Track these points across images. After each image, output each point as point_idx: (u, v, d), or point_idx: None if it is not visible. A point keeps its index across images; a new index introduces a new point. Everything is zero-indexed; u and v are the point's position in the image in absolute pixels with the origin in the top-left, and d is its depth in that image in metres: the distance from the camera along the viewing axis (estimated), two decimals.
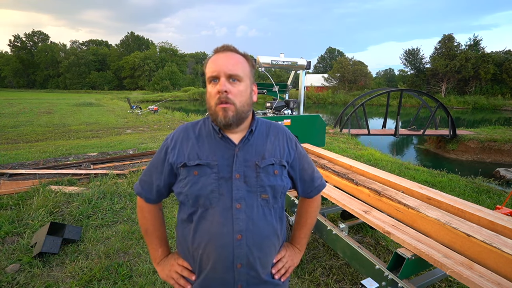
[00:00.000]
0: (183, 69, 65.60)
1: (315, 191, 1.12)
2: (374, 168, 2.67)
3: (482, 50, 37.14)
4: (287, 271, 1.06)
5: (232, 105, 0.89)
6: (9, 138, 8.89)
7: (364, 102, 11.43)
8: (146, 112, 17.00)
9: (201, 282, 0.96)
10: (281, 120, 3.63)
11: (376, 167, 3.49)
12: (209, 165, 0.93)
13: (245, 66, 0.93)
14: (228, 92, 0.88)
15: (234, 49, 0.94)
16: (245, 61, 0.94)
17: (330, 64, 62.17)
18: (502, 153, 10.22)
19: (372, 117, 24.09)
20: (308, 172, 1.09)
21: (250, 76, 0.95)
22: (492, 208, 3.50)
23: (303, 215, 1.17)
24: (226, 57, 0.91)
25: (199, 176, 0.93)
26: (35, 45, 73.05)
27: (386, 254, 2.73)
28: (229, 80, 0.90)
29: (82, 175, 4.60)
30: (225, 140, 0.96)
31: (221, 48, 0.94)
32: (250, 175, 0.94)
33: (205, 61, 0.97)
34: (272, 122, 1.07)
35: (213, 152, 0.95)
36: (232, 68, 0.89)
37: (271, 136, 1.02)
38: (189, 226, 0.96)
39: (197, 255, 0.94)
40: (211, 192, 0.92)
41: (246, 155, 0.95)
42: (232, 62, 0.90)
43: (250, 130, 0.98)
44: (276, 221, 1.00)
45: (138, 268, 2.44)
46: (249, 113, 0.98)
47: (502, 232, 1.54)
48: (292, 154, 1.04)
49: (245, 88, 0.93)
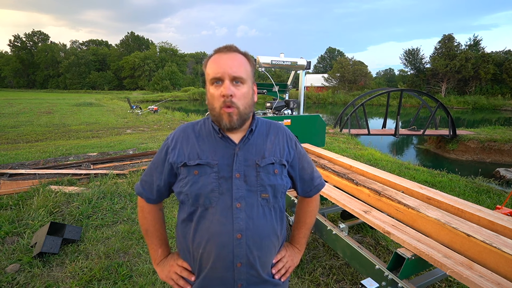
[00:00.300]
0: (183, 69, 65.59)
1: (314, 190, 1.13)
2: (374, 168, 2.67)
3: (482, 50, 37.17)
4: (287, 271, 1.06)
5: (236, 108, 0.90)
6: (9, 138, 8.89)
7: (364, 102, 11.43)
8: (146, 112, 17.00)
9: (201, 281, 0.96)
10: (281, 120, 3.63)
11: (376, 167, 3.49)
12: (210, 164, 0.93)
13: (247, 67, 0.93)
14: (233, 96, 0.89)
15: (236, 49, 0.94)
16: (247, 61, 0.94)
17: (330, 64, 62.22)
18: (502, 153, 10.22)
19: (372, 117, 24.09)
20: (308, 171, 1.10)
21: (251, 76, 0.96)
22: (492, 208, 3.50)
23: (302, 215, 1.17)
24: (230, 59, 0.90)
25: (199, 176, 0.93)
26: (35, 45, 73.00)
27: (386, 254, 2.73)
28: (233, 83, 0.90)
29: (82, 175, 4.60)
30: (225, 140, 0.96)
31: (223, 48, 0.93)
32: (250, 175, 0.94)
33: (205, 60, 0.96)
34: (272, 122, 1.08)
35: (214, 152, 0.95)
36: (236, 71, 0.89)
37: (271, 136, 1.02)
38: (189, 226, 0.97)
39: (197, 254, 0.95)
40: (211, 192, 0.92)
41: (246, 155, 0.95)
42: (236, 64, 0.90)
43: (250, 129, 0.98)
44: (276, 220, 1.00)
45: (138, 268, 2.44)
46: (251, 114, 0.98)
47: (502, 232, 1.54)
48: (292, 154, 1.04)
49: (248, 90, 0.94)
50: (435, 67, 37.33)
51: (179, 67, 62.37)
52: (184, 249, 1.00)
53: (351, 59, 47.22)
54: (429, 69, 39.37)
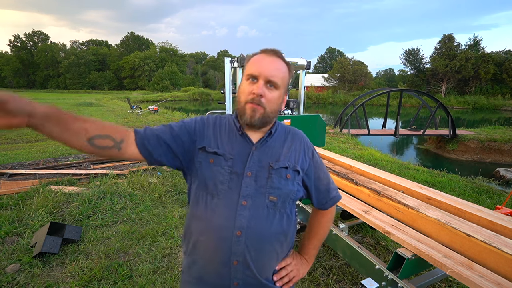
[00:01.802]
0: (183, 69, 65.63)
1: (330, 203, 1.10)
2: (374, 168, 2.67)
3: (482, 50, 37.20)
4: (291, 280, 1.04)
5: (262, 108, 0.92)
6: (9, 138, 8.89)
7: (364, 102, 11.44)
8: (146, 112, 17.00)
9: (198, 271, 0.96)
10: (281, 120, 3.63)
11: (376, 167, 3.49)
12: (225, 157, 0.94)
13: (285, 75, 0.95)
14: (262, 96, 0.90)
15: (280, 55, 0.96)
16: (287, 70, 0.96)
17: (330, 64, 62.23)
18: (502, 153, 10.22)
19: (372, 117, 24.10)
20: (324, 182, 1.08)
21: (286, 85, 0.97)
22: (492, 208, 3.50)
23: (315, 226, 1.14)
24: (271, 62, 0.93)
25: (214, 165, 0.94)
26: (35, 45, 72.97)
27: (386, 254, 2.73)
28: (267, 85, 0.91)
29: (82, 175, 4.60)
30: (244, 138, 0.98)
31: (270, 50, 0.95)
32: (262, 175, 0.94)
33: (248, 55, 0.98)
34: (292, 128, 1.08)
35: (231, 147, 0.96)
36: (273, 74, 0.91)
37: (289, 141, 1.03)
38: (193, 208, 0.97)
39: (193, 238, 0.96)
40: (220, 183, 0.93)
41: (261, 155, 0.96)
42: (275, 68, 0.92)
43: (270, 132, 0.99)
44: (282, 226, 0.97)
45: (138, 268, 2.44)
46: (275, 119, 1.00)
47: (502, 232, 1.54)
48: (308, 162, 1.04)
49: (279, 96, 0.95)
50: (435, 67, 37.35)
51: (179, 67, 62.41)
52: (186, 230, 1.01)
53: (351, 59, 47.26)
54: (429, 69, 39.39)
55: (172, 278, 2.33)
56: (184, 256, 1.03)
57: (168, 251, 2.69)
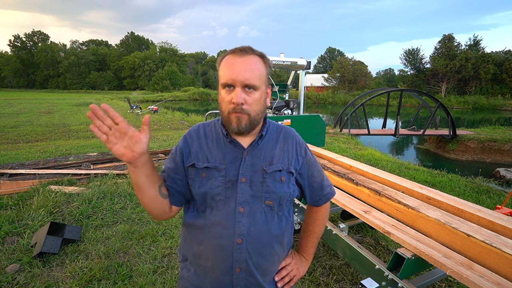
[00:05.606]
0: (183, 69, 65.58)
1: (324, 199, 1.10)
2: (374, 168, 2.67)
3: (482, 50, 37.20)
4: (292, 280, 1.03)
5: (246, 114, 0.88)
6: (9, 138, 8.89)
7: (364, 102, 11.43)
8: (146, 112, 16.99)
9: (199, 281, 0.96)
10: (281, 120, 3.63)
11: (376, 167, 3.49)
12: (217, 168, 0.93)
13: (262, 72, 0.89)
14: (243, 104, 0.86)
15: (252, 51, 0.89)
16: (262, 64, 0.90)
17: (330, 64, 62.20)
18: (502, 153, 10.22)
19: (372, 117, 24.09)
20: (317, 179, 1.07)
21: (265, 80, 0.92)
22: (492, 208, 3.50)
23: (311, 224, 1.13)
24: (243, 63, 0.86)
25: (207, 179, 0.93)
26: (35, 45, 72.99)
27: (386, 254, 2.73)
28: (245, 89, 0.87)
29: (82, 175, 4.60)
30: (234, 144, 0.95)
31: (238, 50, 0.89)
32: (256, 180, 0.93)
33: (218, 59, 0.92)
34: (283, 127, 1.05)
35: (222, 156, 0.94)
36: (248, 77, 0.85)
37: (281, 142, 1.00)
38: (195, 222, 0.97)
39: (190, 249, 0.97)
40: (217, 195, 0.92)
41: (253, 160, 0.94)
42: (249, 69, 0.86)
43: (260, 135, 0.97)
44: (280, 228, 0.97)
45: (138, 268, 2.44)
46: (262, 118, 0.96)
47: (502, 232, 1.54)
48: (301, 161, 1.02)
49: (260, 95, 0.90)
50: (435, 67, 37.35)
51: (179, 67, 62.38)
52: (183, 237, 1.02)
53: (351, 59, 47.25)
54: (429, 69, 39.39)
55: (172, 278, 2.33)
56: (181, 265, 1.03)
57: (168, 251, 2.69)
